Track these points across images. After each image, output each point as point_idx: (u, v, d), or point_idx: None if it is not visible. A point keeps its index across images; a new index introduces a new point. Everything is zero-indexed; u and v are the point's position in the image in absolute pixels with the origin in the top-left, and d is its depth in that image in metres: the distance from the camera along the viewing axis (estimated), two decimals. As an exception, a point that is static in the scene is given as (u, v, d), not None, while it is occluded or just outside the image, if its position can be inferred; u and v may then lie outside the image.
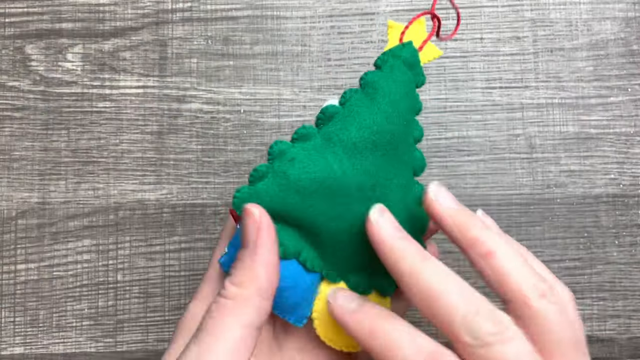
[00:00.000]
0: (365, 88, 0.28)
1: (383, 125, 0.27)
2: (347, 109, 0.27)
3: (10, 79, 0.40)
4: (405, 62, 0.28)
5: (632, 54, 0.39)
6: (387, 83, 0.28)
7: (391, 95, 0.27)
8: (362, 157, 0.27)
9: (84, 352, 0.38)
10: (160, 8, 0.40)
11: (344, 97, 0.28)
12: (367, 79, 0.28)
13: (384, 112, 0.27)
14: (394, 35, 0.29)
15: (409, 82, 0.28)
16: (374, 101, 0.27)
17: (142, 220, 0.39)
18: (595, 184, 0.39)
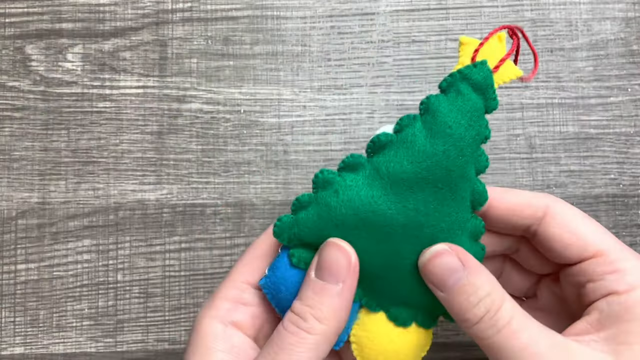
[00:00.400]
0: (424, 115, 0.25)
1: (438, 161, 0.25)
2: (401, 138, 0.25)
3: (10, 79, 0.40)
4: (475, 85, 0.25)
5: (632, 54, 0.40)
6: (450, 112, 0.25)
7: (453, 126, 0.25)
8: (412, 193, 0.25)
9: (84, 352, 0.38)
10: (160, 8, 0.40)
11: (400, 124, 0.26)
12: (428, 104, 0.25)
13: (441, 146, 0.25)
14: (466, 53, 0.26)
15: (476, 110, 0.25)
16: (431, 132, 0.25)
17: (142, 220, 0.39)
18: (595, 184, 0.39)
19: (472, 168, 0.26)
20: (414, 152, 0.25)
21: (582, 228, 0.26)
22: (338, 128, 0.39)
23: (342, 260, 0.24)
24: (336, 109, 0.39)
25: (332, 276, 0.24)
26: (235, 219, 0.39)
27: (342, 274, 0.24)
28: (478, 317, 0.24)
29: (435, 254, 0.25)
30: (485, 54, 0.26)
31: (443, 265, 0.24)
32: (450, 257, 0.24)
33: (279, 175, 0.39)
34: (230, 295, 0.27)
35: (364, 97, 0.40)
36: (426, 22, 0.40)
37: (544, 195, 0.27)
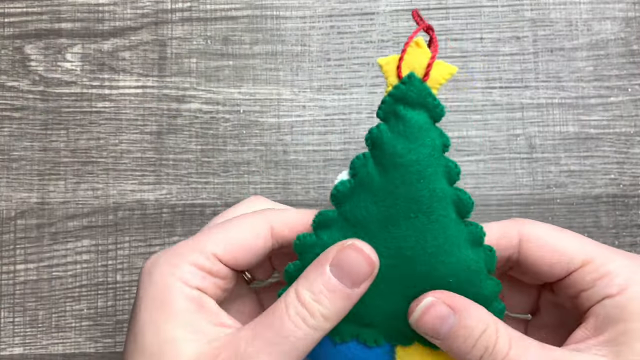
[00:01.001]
0: (373, 150, 0.25)
1: (400, 193, 0.24)
2: (359, 182, 0.25)
3: (9, 79, 0.40)
4: (411, 103, 0.24)
5: (632, 54, 0.39)
6: (395, 139, 0.24)
7: (402, 153, 0.24)
8: (388, 233, 0.24)
9: (83, 353, 0.38)
10: (160, 8, 0.40)
11: (353, 167, 0.25)
12: (372, 139, 0.25)
13: (398, 177, 0.24)
14: (389, 73, 0.25)
15: (420, 128, 0.24)
16: (383, 167, 0.24)
17: (142, 221, 0.39)
18: (595, 184, 0.39)
19: (443, 182, 0.25)
20: (373, 193, 0.24)
21: (562, 243, 0.26)
22: (338, 128, 0.39)
23: (365, 267, 0.24)
24: (336, 109, 0.39)
25: (350, 280, 0.24)
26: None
27: (360, 280, 0.24)
28: (478, 357, 0.24)
29: (423, 311, 0.24)
30: (409, 66, 0.25)
31: (433, 318, 0.24)
32: (439, 307, 0.24)
33: (278, 175, 0.39)
34: (195, 261, 0.25)
35: (364, 97, 0.39)
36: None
37: (513, 222, 0.27)
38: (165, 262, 0.25)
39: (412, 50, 0.25)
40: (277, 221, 0.27)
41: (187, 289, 0.25)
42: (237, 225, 0.26)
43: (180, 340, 0.24)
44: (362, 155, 0.25)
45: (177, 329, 0.24)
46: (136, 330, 0.25)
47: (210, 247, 0.25)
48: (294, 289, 0.24)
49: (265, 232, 0.26)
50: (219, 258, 0.26)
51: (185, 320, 0.24)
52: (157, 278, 0.25)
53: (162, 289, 0.25)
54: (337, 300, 0.24)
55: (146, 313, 0.24)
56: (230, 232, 0.26)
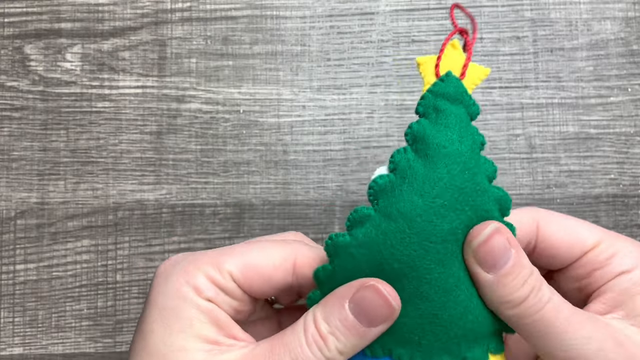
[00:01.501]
0: (414, 144, 0.24)
1: (447, 183, 0.24)
2: (400, 175, 0.24)
3: (9, 79, 0.40)
4: (450, 98, 0.24)
5: (632, 54, 0.39)
6: (438, 131, 0.24)
7: (446, 144, 0.24)
8: (434, 226, 0.24)
9: (83, 353, 0.38)
10: (160, 8, 0.40)
11: (393, 162, 0.24)
12: (414, 132, 0.24)
13: (443, 167, 0.24)
14: (427, 71, 0.25)
15: (461, 120, 0.24)
16: (428, 158, 0.24)
17: (141, 221, 0.39)
18: (595, 184, 0.39)
19: (484, 178, 0.24)
20: (419, 184, 0.24)
21: (575, 227, 0.27)
22: (337, 128, 0.39)
23: (384, 311, 0.23)
24: (335, 109, 0.39)
25: (368, 321, 0.23)
26: (235, 219, 0.39)
27: (377, 322, 0.24)
28: (523, 297, 0.24)
29: (490, 234, 0.24)
30: (446, 66, 0.25)
31: (498, 246, 0.24)
32: (502, 237, 0.24)
33: (278, 175, 0.39)
34: (211, 275, 0.25)
35: (364, 97, 0.39)
36: (426, 22, 0.40)
37: (528, 210, 0.28)
38: (181, 269, 0.25)
39: (448, 52, 0.25)
40: (303, 258, 0.26)
41: (199, 300, 0.24)
42: (260, 251, 0.26)
43: (192, 349, 0.24)
44: (402, 149, 0.24)
45: (189, 339, 0.24)
46: (146, 333, 0.24)
47: (227, 265, 0.25)
48: (312, 314, 0.24)
49: (287, 266, 0.25)
50: (234, 278, 0.25)
51: (197, 331, 0.24)
52: (171, 284, 0.25)
53: (175, 297, 0.24)
54: (352, 337, 0.23)
55: (158, 318, 0.24)
56: (251, 255, 0.25)
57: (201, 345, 0.24)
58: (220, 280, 0.25)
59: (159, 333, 0.24)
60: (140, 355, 0.24)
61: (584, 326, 0.24)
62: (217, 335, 0.24)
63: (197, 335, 0.24)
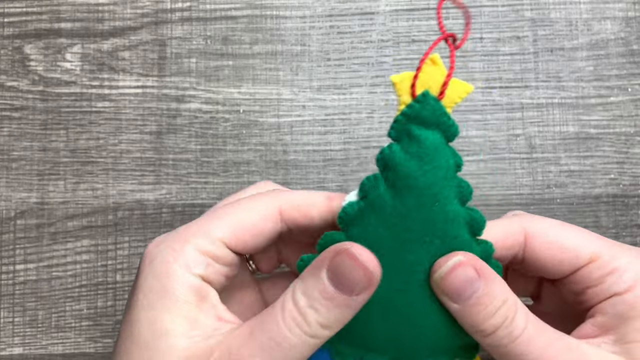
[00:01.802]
0: (385, 172, 0.24)
1: (414, 216, 0.23)
2: (369, 204, 0.24)
3: (9, 78, 0.40)
4: (425, 122, 0.23)
5: (632, 54, 0.39)
6: (408, 161, 0.23)
7: (416, 176, 0.23)
8: (400, 258, 0.23)
9: (83, 353, 0.38)
10: (159, 8, 0.40)
11: (363, 189, 0.24)
12: (385, 159, 0.24)
13: (412, 200, 0.23)
14: (403, 91, 0.24)
15: (435, 148, 0.23)
16: (396, 189, 0.23)
17: (141, 221, 0.39)
18: (595, 184, 0.39)
19: (456, 203, 0.24)
20: (386, 216, 0.23)
21: (568, 239, 0.25)
22: (337, 128, 0.39)
23: (361, 277, 0.22)
24: (336, 109, 0.39)
25: (347, 289, 0.22)
26: (235, 219, 0.39)
27: (358, 289, 0.22)
28: (495, 327, 0.23)
29: (453, 267, 0.23)
30: (424, 84, 0.24)
31: (461, 278, 0.23)
32: (467, 269, 0.23)
33: (278, 175, 0.39)
34: (201, 246, 0.24)
35: (364, 97, 0.39)
36: (426, 22, 0.40)
37: (518, 219, 0.26)
38: (167, 246, 0.24)
39: (427, 67, 0.24)
40: (287, 203, 0.25)
41: (189, 277, 0.23)
42: (244, 208, 0.25)
43: (175, 334, 0.23)
44: (372, 176, 0.24)
45: (174, 321, 0.23)
46: (132, 317, 0.24)
47: (216, 231, 0.24)
48: (291, 290, 0.23)
49: (274, 214, 0.25)
50: (226, 243, 0.24)
51: (183, 312, 0.23)
52: (158, 263, 0.24)
53: (163, 276, 0.23)
54: (334, 308, 0.22)
55: (144, 300, 0.23)
56: (237, 215, 0.25)
57: (187, 329, 0.23)
58: (212, 248, 0.24)
59: (144, 318, 0.23)
60: (126, 342, 0.23)
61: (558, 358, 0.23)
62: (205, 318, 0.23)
63: (183, 318, 0.23)
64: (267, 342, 0.22)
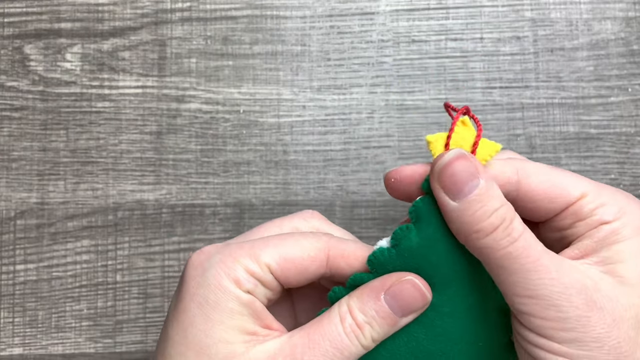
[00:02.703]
0: (417, 224, 0.25)
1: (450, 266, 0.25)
2: (399, 254, 0.25)
3: (9, 79, 0.40)
4: None
5: (633, 54, 0.39)
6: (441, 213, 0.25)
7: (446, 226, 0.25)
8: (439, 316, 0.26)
9: (83, 353, 0.38)
10: (159, 8, 0.40)
11: (395, 238, 0.25)
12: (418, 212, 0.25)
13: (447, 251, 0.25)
14: (437, 149, 0.26)
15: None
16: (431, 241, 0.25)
17: (141, 221, 0.39)
18: (596, 184, 0.38)
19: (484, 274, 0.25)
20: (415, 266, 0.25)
21: (559, 178, 0.27)
22: (338, 128, 0.39)
23: (419, 301, 0.25)
24: (336, 109, 0.39)
25: (401, 310, 0.25)
26: (235, 220, 0.39)
27: (411, 312, 0.25)
28: (494, 226, 0.24)
29: (450, 159, 0.24)
30: (457, 142, 0.25)
31: (461, 170, 0.24)
32: (467, 163, 0.24)
33: (278, 175, 0.39)
34: (251, 268, 0.26)
35: (364, 97, 0.39)
36: (426, 22, 0.40)
37: (512, 161, 0.27)
38: (219, 261, 0.26)
39: (458, 129, 0.26)
40: (336, 250, 0.27)
41: (240, 292, 0.25)
42: (295, 243, 0.27)
43: (234, 341, 0.25)
44: (405, 226, 0.25)
45: (229, 331, 0.25)
46: (186, 326, 0.25)
47: (265, 257, 0.26)
48: (346, 305, 0.25)
49: (321, 257, 0.26)
50: (272, 270, 0.26)
51: (238, 323, 0.25)
52: (210, 277, 0.25)
53: (216, 289, 0.25)
54: (386, 326, 0.25)
55: (198, 310, 0.25)
56: (286, 248, 0.26)
57: (241, 336, 0.25)
58: (259, 272, 0.26)
59: (199, 325, 0.25)
60: (179, 346, 0.25)
61: (553, 267, 0.24)
62: (255, 326, 0.25)
63: (237, 327, 0.25)
64: (330, 349, 0.24)
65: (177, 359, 0.25)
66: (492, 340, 0.26)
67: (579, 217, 0.26)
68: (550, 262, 0.24)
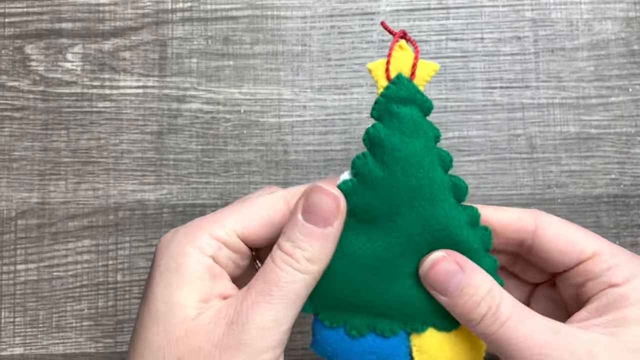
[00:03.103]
0: (372, 149, 0.27)
1: (402, 185, 0.26)
2: (362, 180, 0.27)
3: (10, 79, 0.40)
4: (403, 100, 0.27)
5: (633, 54, 0.39)
6: (392, 135, 0.26)
7: (401, 147, 0.26)
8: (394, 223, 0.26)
9: (84, 353, 0.38)
10: (160, 8, 0.40)
11: (354, 167, 0.27)
12: (371, 137, 0.27)
13: (398, 170, 0.26)
14: (379, 76, 0.27)
15: (414, 122, 0.27)
16: (384, 162, 0.26)
17: (142, 221, 0.39)
18: (596, 184, 0.39)
19: (439, 170, 0.27)
20: (376, 188, 0.26)
21: (574, 234, 0.28)
22: (338, 128, 0.39)
23: (331, 204, 0.25)
24: (336, 109, 0.39)
25: (322, 220, 0.25)
26: (235, 219, 0.39)
27: (331, 217, 0.25)
28: (481, 315, 0.25)
29: (434, 262, 0.26)
30: (396, 68, 0.27)
31: (442, 271, 0.26)
32: (448, 262, 0.26)
33: (279, 175, 0.39)
34: (215, 233, 0.26)
35: (364, 97, 0.39)
36: (426, 22, 0.40)
37: (532, 211, 0.28)
38: (183, 234, 0.26)
39: (397, 53, 0.27)
40: (292, 195, 0.28)
41: (202, 257, 0.26)
42: (254, 203, 0.28)
43: (188, 305, 0.25)
44: (361, 154, 0.27)
45: (187, 295, 0.25)
46: (149, 295, 0.26)
47: (228, 221, 0.27)
48: (276, 245, 0.26)
49: (282, 207, 0.27)
50: (237, 233, 0.27)
51: (197, 287, 0.25)
52: (173, 246, 0.26)
53: (178, 255, 0.26)
54: (315, 242, 0.25)
55: (160, 278, 0.25)
56: (247, 208, 0.27)
57: (196, 302, 0.25)
58: (224, 235, 0.26)
59: (159, 293, 0.25)
60: (142, 318, 0.26)
61: (544, 343, 0.24)
62: (212, 292, 0.26)
63: (195, 291, 0.25)
64: (266, 287, 0.25)
65: (140, 332, 0.25)
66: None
67: (590, 276, 0.27)
68: (541, 337, 0.24)
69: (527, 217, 0.28)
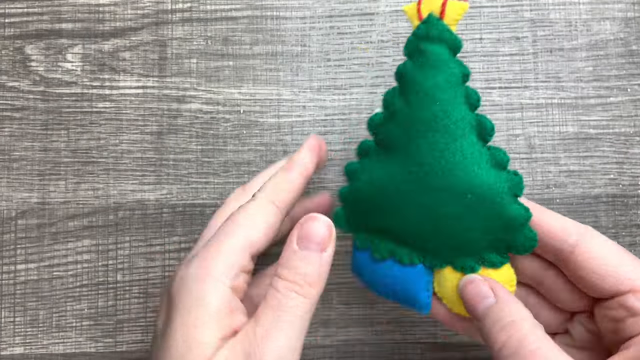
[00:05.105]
0: (399, 83, 0.29)
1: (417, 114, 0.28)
2: (390, 112, 0.29)
3: (10, 79, 0.40)
4: (432, 39, 0.28)
5: (632, 54, 0.40)
6: (417, 71, 0.28)
7: (422, 80, 0.28)
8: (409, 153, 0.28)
9: (84, 352, 0.38)
10: (160, 8, 0.40)
11: (385, 101, 0.29)
12: (399, 73, 0.29)
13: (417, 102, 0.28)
14: (413, 17, 0.29)
15: (441, 57, 0.28)
16: (406, 96, 0.28)
17: (142, 221, 0.39)
18: (595, 184, 0.39)
19: (461, 106, 0.28)
20: (397, 118, 0.28)
21: (619, 260, 0.25)
22: (338, 128, 0.39)
23: (326, 231, 0.27)
24: (336, 109, 0.40)
25: (317, 246, 0.27)
26: (235, 219, 0.39)
27: (325, 243, 0.27)
28: (501, 343, 0.24)
29: (465, 282, 0.27)
30: (427, 8, 0.28)
31: (474, 292, 0.27)
32: (482, 285, 0.27)
33: (278, 175, 0.39)
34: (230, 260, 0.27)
35: (364, 97, 0.40)
36: None
37: (580, 225, 0.27)
38: (196, 266, 0.27)
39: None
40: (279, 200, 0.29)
41: (222, 288, 0.26)
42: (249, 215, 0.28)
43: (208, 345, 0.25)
44: (392, 89, 0.29)
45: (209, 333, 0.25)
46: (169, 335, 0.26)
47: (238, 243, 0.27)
48: (276, 275, 0.27)
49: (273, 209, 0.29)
50: (249, 253, 0.27)
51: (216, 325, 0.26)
52: (189, 282, 0.26)
53: (197, 291, 0.26)
54: (313, 267, 0.26)
55: (179, 317, 0.26)
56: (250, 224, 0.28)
57: (217, 341, 0.25)
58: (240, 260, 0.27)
59: (179, 332, 0.25)
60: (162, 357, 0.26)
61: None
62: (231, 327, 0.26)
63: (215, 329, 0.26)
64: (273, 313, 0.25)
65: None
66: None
67: (630, 312, 0.24)
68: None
69: (571, 228, 0.27)
